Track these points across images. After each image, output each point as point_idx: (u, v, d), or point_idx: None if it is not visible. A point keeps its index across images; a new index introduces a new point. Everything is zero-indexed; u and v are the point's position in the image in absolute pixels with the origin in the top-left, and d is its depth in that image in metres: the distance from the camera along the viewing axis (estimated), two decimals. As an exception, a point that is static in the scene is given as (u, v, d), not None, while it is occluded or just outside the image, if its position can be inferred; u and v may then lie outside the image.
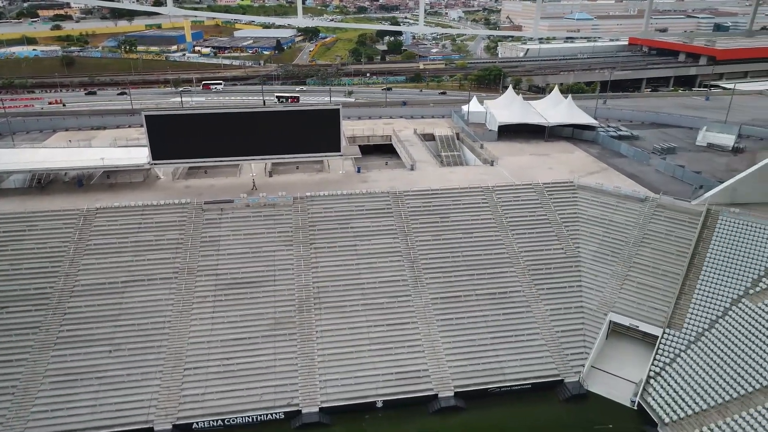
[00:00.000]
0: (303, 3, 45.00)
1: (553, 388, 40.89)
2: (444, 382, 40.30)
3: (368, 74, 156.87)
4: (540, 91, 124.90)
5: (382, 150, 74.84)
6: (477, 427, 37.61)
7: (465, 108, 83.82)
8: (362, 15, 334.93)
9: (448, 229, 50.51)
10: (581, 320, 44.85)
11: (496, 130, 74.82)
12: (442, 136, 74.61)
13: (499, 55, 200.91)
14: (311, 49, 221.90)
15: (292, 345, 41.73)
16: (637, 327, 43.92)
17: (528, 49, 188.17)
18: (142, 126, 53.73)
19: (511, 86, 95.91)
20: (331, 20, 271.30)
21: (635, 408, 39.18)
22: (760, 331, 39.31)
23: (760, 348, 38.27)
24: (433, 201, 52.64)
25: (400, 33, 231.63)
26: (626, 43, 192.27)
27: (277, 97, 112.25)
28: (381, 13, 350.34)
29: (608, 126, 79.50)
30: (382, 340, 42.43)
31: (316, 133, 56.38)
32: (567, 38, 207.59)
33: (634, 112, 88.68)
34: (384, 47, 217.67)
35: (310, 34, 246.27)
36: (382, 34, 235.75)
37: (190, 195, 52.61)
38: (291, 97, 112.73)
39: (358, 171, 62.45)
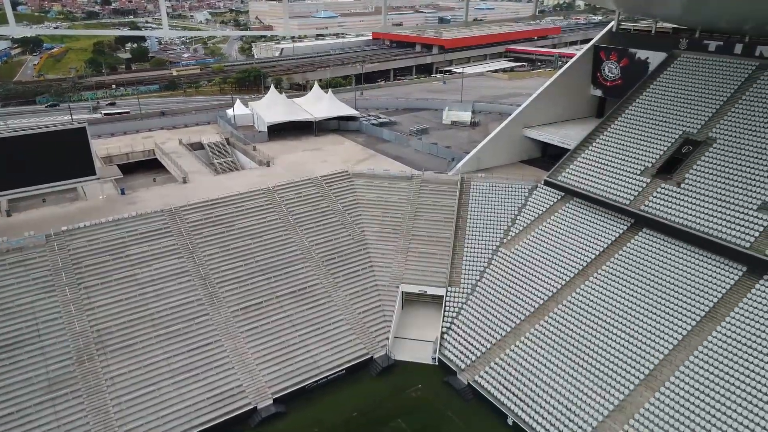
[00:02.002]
0: (14, 9, 38.28)
1: (366, 366, 42.99)
2: (261, 393, 39.21)
3: (114, 86, 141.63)
4: (301, 89, 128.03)
5: (146, 166, 68.63)
6: (300, 427, 37.55)
7: (230, 111, 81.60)
8: (94, 21, 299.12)
9: (236, 237, 48.84)
10: (378, 297, 47.84)
11: (266, 130, 74.60)
12: (211, 143, 71.47)
13: (255, 56, 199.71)
14: (36, 63, 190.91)
15: (77, 404, 35.92)
16: (426, 292, 48.63)
17: (283, 49, 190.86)
18: None
19: (272, 86, 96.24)
20: (56, 28, 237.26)
21: (437, 364, 43.53)
22: (516, 272, 46.99)
23: (518, 285, 45.80)
24: (214, 211, 50.22)
25: (143, 39, 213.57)
26: (371, 37, 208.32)
27: (105, 114, 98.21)
28: (116, 17, 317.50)
29: (369, 115, 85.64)
30: (185, 369, 39.27)
31: (62, 156, 49.10)
32: (318, 35, 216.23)
33: (389, 100, 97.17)
34: (128, 55, 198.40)
35: (31, 45, 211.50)
36: (122, 40, 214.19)
37: None
38: (122, 112, 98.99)
39: (123, 193, 56.24)
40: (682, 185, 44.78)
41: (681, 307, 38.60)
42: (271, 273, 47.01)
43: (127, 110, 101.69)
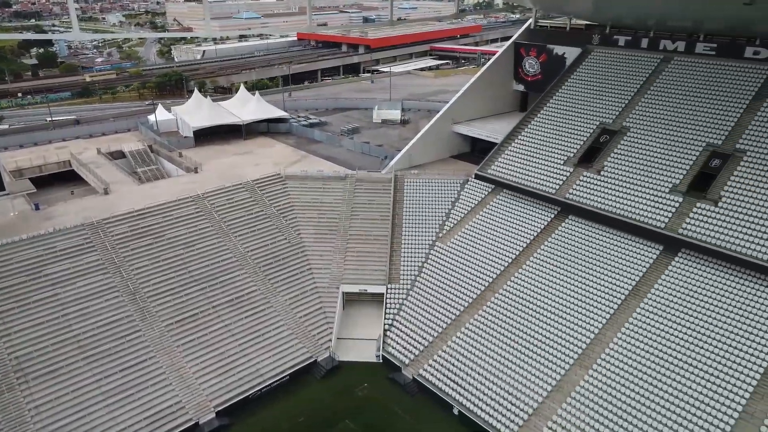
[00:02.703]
0: None
1: (310, 370, 42.48)
2: (202, 407, 37.80)
3: (19, 94, 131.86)
4: (227, 91, 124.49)
5: (62, 179, 64.42)
6: (247, 438, 36.66)
7: (152, 117, 78.13)
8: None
9: (166, 248, 46.78)
10: (318, 299, 47.36)
11: (192, 135, 72.03)
12: (133, 152, 68.11)
13: (176, 59, 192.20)
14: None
15: (-3, 439, 33.27)
16: (366, 290, 48.64)
17: (204, 51, 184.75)
18: None
19: (196, 89, 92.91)
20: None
21: (381, 361, 43.68)
22: (452, 265, 47.95)
23: (456, 278, 46.78)
24: (140, 222, 47.86)
25: (51, 43, 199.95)
26: (296, 38, 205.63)
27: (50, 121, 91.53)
28: (18, 21, 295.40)
29: (299, 116, 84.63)
30: (118, 390, 37.21)
31: (-36, 172, 45.12)
32: (241, 37, 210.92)
33: (318, 100, 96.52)
34: (34, 61, 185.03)
35: None
36: (27, 45, 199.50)
37: None
38: (70, 118, 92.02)
39: (37, 208, 52.50)
40: (602, 173, 47.39)
41: (607, 287, 40.88)
42: (206, 282, 45.44)
43: (74, 116, 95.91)
